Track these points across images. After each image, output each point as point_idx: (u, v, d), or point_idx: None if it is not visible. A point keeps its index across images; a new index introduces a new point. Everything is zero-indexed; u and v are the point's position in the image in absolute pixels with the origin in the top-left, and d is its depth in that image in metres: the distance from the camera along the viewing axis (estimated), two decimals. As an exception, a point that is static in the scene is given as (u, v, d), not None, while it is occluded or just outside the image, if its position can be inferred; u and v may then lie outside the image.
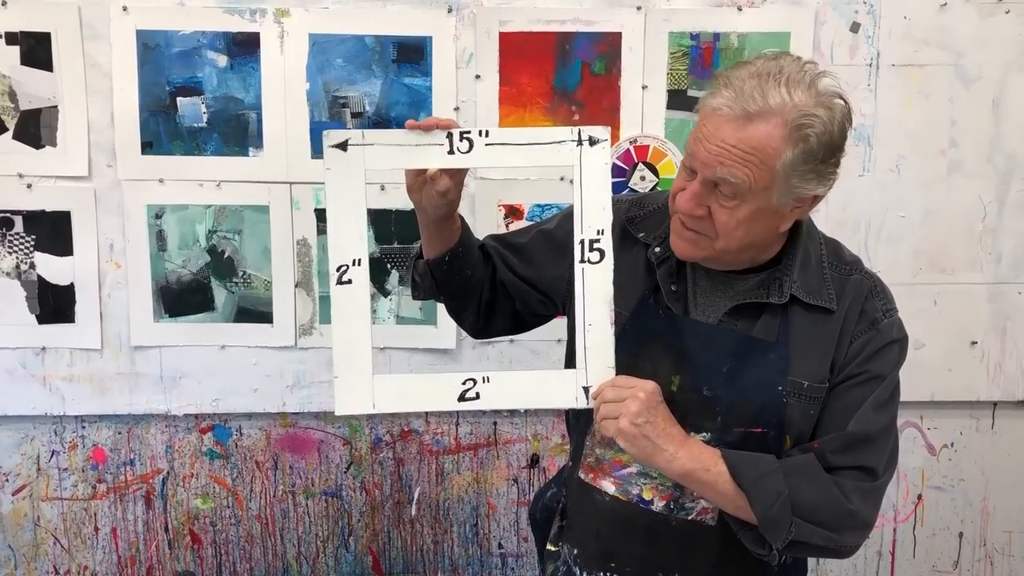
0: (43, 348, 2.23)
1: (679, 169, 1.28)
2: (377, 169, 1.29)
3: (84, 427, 2.31)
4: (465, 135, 1.25)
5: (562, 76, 2.17)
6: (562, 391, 1.28)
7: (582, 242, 1.27)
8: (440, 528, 2.42)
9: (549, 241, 1.45)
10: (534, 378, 1.34)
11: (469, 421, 2.36)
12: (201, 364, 2.26)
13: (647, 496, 1.33)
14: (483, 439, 2.38)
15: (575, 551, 1.41)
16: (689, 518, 1.33)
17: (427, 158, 1.26)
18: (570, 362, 1.38)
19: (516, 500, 2.39)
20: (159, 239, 2.19)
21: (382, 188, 2.17)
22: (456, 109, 2.17)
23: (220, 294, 2.22)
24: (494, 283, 1.46)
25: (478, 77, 2.16)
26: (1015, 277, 2.29)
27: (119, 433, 2.32)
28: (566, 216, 1.41)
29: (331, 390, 2.29)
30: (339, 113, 2.15)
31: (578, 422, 1.43)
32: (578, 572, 1.40)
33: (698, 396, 1.29)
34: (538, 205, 2.21)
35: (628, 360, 1.31)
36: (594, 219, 1.27)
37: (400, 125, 2.12)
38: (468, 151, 1.25)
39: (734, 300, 1.31)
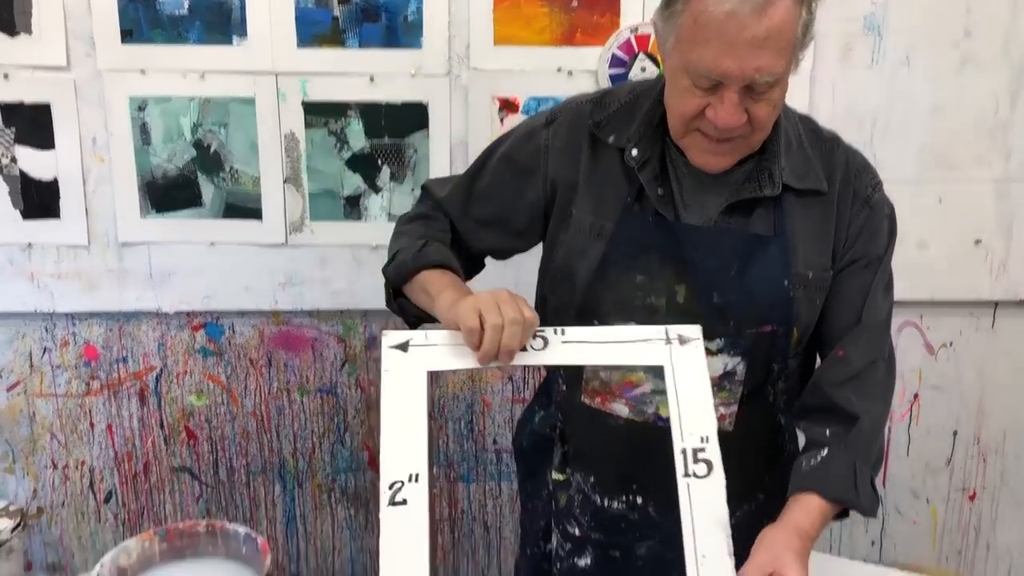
0: (29, 244, 2.18)
1: (681, 88, 1.16)
2: (440, 370, 1.15)
3: (75, 324, 2.29)
4: (539, 333, 1.13)
5: (560, -40, 2.06)
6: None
7: (684, 452, 1.07)
8: (435, 424, 2.43)
9: (512, 166, 1.35)
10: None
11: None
12: (190, 261, 2.22)
13: (664, 413, 1.27)
14: (478, 337, 2.36)
15: (591, 478, 1.36)
16: None
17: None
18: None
19: (511, 398, 2.39)
20: (143, 132, 2.12)
21: (371, 79, 2.09)
22: (448, -6, 2.07)
23: (208, 189, 2.17)
24: (470, 256, 1.42)
25: (471, -39, 2.06)
26: (1024, 174, 2.23)
27: (110, 330, 2.30)
28: (523, 136, 1.34)
29: (323, 288, 2.29)
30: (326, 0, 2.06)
31: None
32: (599, 499, 1.35)
33: (708, 304, 1.24)
34: (534, 98, 2.13)
35: (622, 278, 1.25)
36: (696, 425, 1.08)
37: (389, 10, 2.08)
38: (543, 348, 1.12)
39: (723, 196, 1.24)
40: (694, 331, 1.14)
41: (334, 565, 2.56)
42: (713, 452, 1.05)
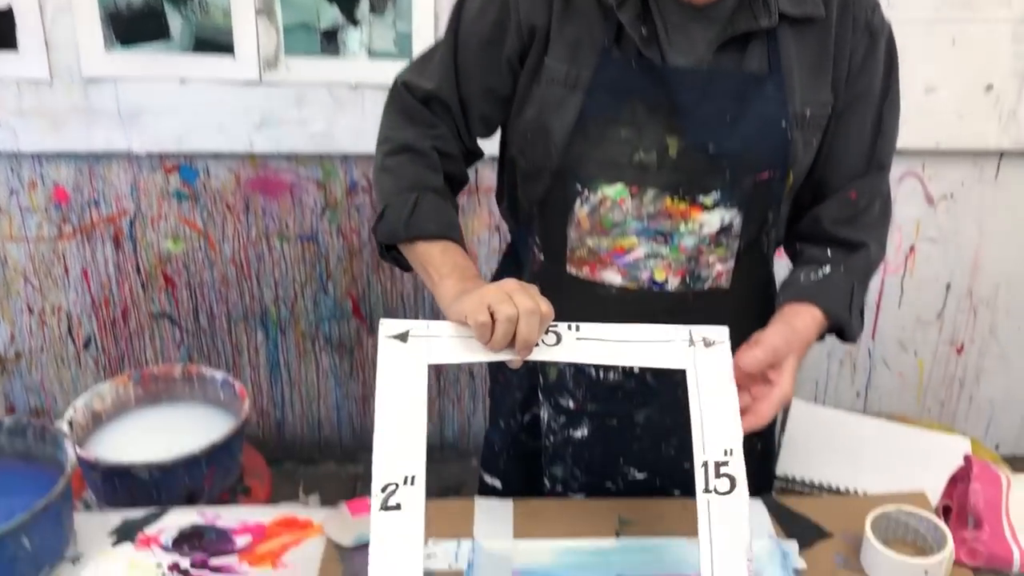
0: (-13, 79, 2.06)
1: None
2: (442, 363, 1.03)
3: (42, 165, 2.19)
4: (552, 328, 1.03)
5: None
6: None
7: (704, 465, 0.96)
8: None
9: (484, 22, 1.18)
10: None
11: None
12: (160, 99, 2.10)
13: (659, 277, 1.21)
14: (463, 183, 2.27)
15: None
16: (706, 287, 1.23)
17: (506, 352, 1.03)
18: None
19: (498, 249, 2.33)
20: (101, -44, 1.96)
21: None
22: None
23: (175, 21, 2.02)
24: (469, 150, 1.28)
25: None
26: (1044, 15, 2.10)
27: (79, 172, 2.20)
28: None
29: (301, 130, 2.18)
30: None
31: (552, 213, 1.22)
32: (593, 372, 1.28)
33: (704, 155, 1.13)
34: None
35: (605, 133, 1.13)
36: (718, 436, 0.98)
37: None
38: (555, 344, 1.02)
39: (712, 31, 1.11)
40: (720, 333, 1.04)
41: (319, 411, 2.56)
42: (737, 466, 0.96)
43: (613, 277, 1.21)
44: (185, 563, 1.13)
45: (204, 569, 1.12)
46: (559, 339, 1.03)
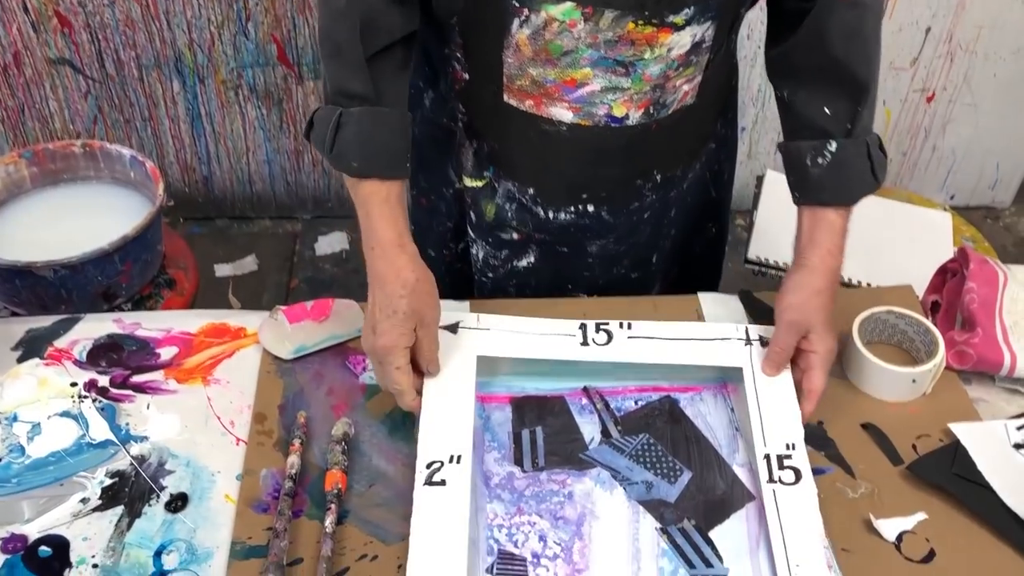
0: None
1: None
2: (491, 356, 1.00)
3: None
4: (603, 326, 1.02)
5: None
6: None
7: (767, 457, 0.92)
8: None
9: None
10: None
11: None
12: None
13: (619, 113, 1.00)
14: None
15: (529, 190, 1.09)
16: (671, 111, 1.02)
17: (555, 350, 1.01)
18: None
19: None
20: None
21: None
22: None
23: None
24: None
25: None
26: None
27: None
28: None
29: None
30: None
31: (480, 33, 0.98)
32: (541, 211, 1.09)
33: None
34: None
35: None
36: (781, 432, 0.94)
37: None
38: (607, 343, 1.01)
39: None
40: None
41: (249, 167, 2.38)
42: (800, 459, 0.92)
43: (562, 113, 1.00)
44: (103, 381, 1.01)
45: (125, 388, 1.00)
46: (610, 338, 1.02)
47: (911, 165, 2.54)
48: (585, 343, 1.01)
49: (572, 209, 1.10)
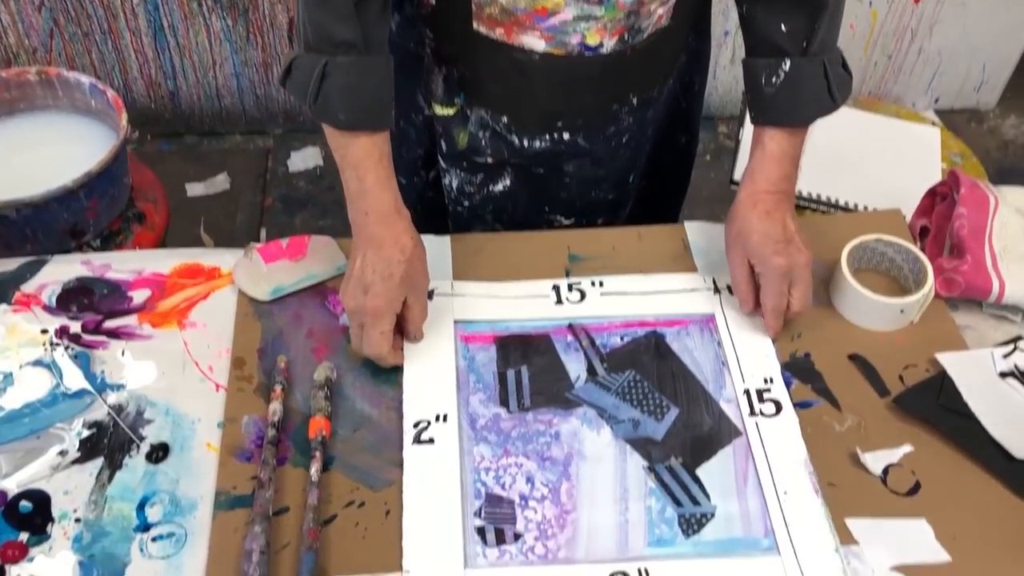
0: None
1: None
2: (468, 320, 1.00)
3: None
4: (575, 285, 1.04)
5: None
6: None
7: (747, 392, 0.95)
8: None
9: None
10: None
11: None
12: None
13: (592, 41, 0.95)
14: None
15: (502, 118, 1.05)
16: (646, 35, 0.98)
17: (529, 311, 1.02)
18: None
19: None
20: None
21: None
22: None
23: None
24: None
25: None
26: None
27: None
28: None
29: None
30: None
31: None
32: (516, 140, 1.06)
33: None
34: None
35: None
36: (757, 368, 0.97)
37: None
38: (580, 301, 1.03)
39: None
40: None
41: (216, 80, 2.29)
42: (779, 391, 0.96)
43: (534, 42, 0.96)
44: (75, 327, 0.98)
45: (98, 334, 0.98)
46: (583, 296, 1.03)
47: (896, 68, 2.49)
48: (559, 302, 1.02)
49: (548, 137, 1.07)
